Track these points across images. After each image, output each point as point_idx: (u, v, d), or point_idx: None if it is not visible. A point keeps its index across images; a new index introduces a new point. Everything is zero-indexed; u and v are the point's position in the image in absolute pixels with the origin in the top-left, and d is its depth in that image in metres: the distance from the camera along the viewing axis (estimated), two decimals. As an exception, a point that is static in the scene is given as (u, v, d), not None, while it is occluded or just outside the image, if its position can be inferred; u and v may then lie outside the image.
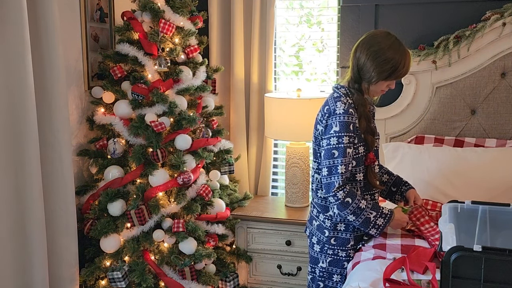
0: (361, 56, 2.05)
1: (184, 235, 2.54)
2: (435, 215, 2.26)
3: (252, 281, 3.03)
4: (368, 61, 2.02)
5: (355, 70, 2.08)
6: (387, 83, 2.09)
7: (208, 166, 2.89)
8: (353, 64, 2.10)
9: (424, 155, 2.62)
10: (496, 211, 1.85)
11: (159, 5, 2.67)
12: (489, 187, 2.43)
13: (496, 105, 2.76)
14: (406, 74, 2.09)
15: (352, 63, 2.10)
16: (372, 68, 2.02)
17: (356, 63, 2.07)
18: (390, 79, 2.06)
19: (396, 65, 2.01)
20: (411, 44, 2.90)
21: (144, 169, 2.59)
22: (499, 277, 1.42)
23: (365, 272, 1.84)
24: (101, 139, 2.72)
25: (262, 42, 3.15)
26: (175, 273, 2.58)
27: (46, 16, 2.28)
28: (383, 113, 2.93)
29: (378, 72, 2.02)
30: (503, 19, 2.68)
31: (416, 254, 1.86)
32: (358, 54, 2.06)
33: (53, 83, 2.34)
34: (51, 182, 2.39)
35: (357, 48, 2.08)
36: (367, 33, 2.11)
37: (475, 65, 2.76)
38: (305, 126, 2.82)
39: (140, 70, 2.68)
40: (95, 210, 2.57)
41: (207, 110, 2.91)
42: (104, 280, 2.61)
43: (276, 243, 2.93)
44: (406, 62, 2.03)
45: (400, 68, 2.02)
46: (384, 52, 2.00)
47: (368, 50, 2.03)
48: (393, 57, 2.00)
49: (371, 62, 2.02)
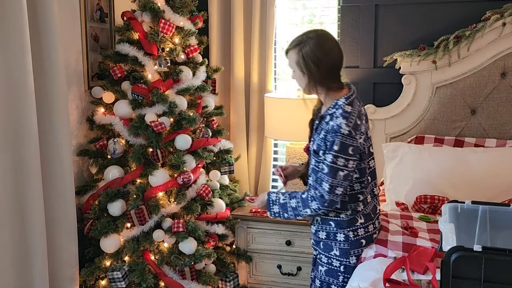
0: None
1: (184, 235, 2.54)
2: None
3: (252, 281, 3.03)
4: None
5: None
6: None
7: (208, 166, 2.90)
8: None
9: (424, 155, 2.62)
10: (496, 211, 1.85)
11: (159, 5, 2.67)
12: (489, 187, 2.43)
13: (496, 105, 2.76)
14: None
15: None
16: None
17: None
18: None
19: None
20: (411, 44, 2.91)
21: (144, 169, 2.59)
22: (499, 277, 1.42)
23: (365, 272, 1.84)
24: (101, 139, 2.72)
25: (262, 42, 3.15)
26: (175, 273, 2.59)
27: (46, 16, 2.28)
28: (383, 113, 2.93)
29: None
30: (503, 19, 2.68)
31: (417, 254, 1.86)
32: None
33: (53, 83, 2.34)
34: (51, 182, 2.39)
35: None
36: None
37: (475, 65, 2.76)
38: (305, 126, 2.81)
39: (140, 70, 2.68)
40: (95, 210, 2.57)
41: (207, 110, 2.91)
42: (104, 280, 2.61)
43: (276, 243, 2.93)
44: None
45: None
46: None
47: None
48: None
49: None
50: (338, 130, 1.88)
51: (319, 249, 2.12)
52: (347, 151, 1.88)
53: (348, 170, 1.91)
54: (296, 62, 1.98)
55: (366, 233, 2.04)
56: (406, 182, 2.58)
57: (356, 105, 1.96)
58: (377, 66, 3.00)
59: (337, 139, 1.88)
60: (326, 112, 1.98)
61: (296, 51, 1.97)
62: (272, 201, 2.10)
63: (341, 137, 1.87)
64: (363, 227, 2.03)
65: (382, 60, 2.93)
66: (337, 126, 1.88)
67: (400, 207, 2.53)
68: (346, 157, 1.88)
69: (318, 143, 1.97)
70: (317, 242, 2.13)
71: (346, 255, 2.04)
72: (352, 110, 1.92)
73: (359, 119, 1.94)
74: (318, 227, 2.10)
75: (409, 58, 2.81)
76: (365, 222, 2.03)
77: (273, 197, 2.10)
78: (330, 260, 2.07)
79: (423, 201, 2.48)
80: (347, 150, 1.88)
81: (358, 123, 1.92)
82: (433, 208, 2.47)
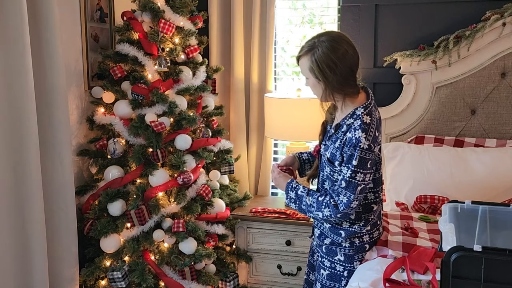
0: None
1: (184, 235, 2.54)
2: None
3: (252, 281, 3.03)
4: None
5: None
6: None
7: (208, 166, 2.89)
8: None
9: (424, 155, 2.62)
10: (496, 211, 1.85)
11: (159, 5, 2.67)
12: (489, 187, 2.43)
13: (496, 105, 2.76)
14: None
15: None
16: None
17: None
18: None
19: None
20: (411, 44, 2.91)
21: (144, 169, 2.59)
22: (499, 277, 1.42)
23: (365, 272, 1.84)
24: (101, 139, 2.72)
25: (262, 42, 3.15)
26: (175, 273, 2.59)
27: (46, 16, 2.28)
28: (383, 113, 2.92)
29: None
30: (503, 19, 2.68)
31: (417, 254, 1.86)
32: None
33: (53, 83, 2.34)
34: (51, 182, 2.39)
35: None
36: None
37: (475, 65, 2.76)
38: (305, 126, 2.82)
39: (140, 70, 2.68)
40: (95, 210, 2.57)
41: (207, 110, 2.91)
42: (104, 280, 2.61)
43: (276, 243, 2.93)
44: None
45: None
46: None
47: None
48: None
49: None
50: (357, 144, 1.80)
51: (321, 252, 2.08)
52: (366, 165, 1.82)
53: (365, 183, 1.86)
54: (309, 68, 1.87)
55: (371, 239, 2.02)
56: (406, 182, 2.58)
57: (375, 114, 1.89)
58: (377, 66, 3.00)
59: (356, 153, 1.80)
60: (343, 121, 1.91)
61: (309, 56, 1.86)
62: (292, 187, 2.03)
63: (360, 152, 1.80)
64: (369, 233, 2.00)
65: (382, 60, 2.93)
66: (356, 139, 1.81)
67: (400, 207, 2.53)
68: (364, 171, 1.83)
69: (332, 152, 1.91)
70: (320, 245, 2.09)
71: (351, 260, 2.01)
72: (371, 121, 1.84)
73: (377, 130, 1.87)
74: (324, 232, 2.06)
75: (409, 58, 2.82)
76: (371, 229, 2.00)
77: (294, 184, 2.03)
78: (333, 264, 2.03)
79: (423, 201, 2.48)
80: (366, 165, 1.82)
81: (376, 135, 1.85)
82: (433, 208, 2.47)
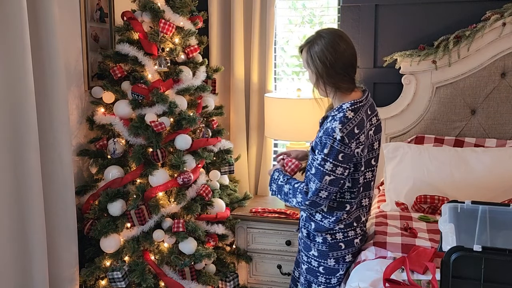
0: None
1: (184, 235, 2.54)
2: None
3: (252, 281, 3.03)
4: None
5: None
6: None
7: (208, 166, 2.89)
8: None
9: (424, 155, 2.62)
10: (496, 211, 1.86)
11: (159, 5, 2.67)
12: (489, 187, 2.43)
13: (496, 105, 2.76)
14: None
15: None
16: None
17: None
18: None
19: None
20: (411, 44, 2.91)
21: (144, 169, 2.59)
22: (499, 277, 1.42)
23: (365, 272, 1.84)
24: (101, 139, 2.72)
25: (262, 42, 3.15)
26: (175, 273, 2.59)
27: (46, 16, 2.28)
28: (383, 113, 2.92)
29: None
30: (503, 19, 2.68)
31: (416, 254, 1.86)
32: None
33: (53, 83, 2.34)
34: (51, 182, 2.39)
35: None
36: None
37: (475, 65, 2.76)
38: (305, 126, 2.82)
39: (140, 70, 2.68)
40: (95, 210, 2.57)
41: (207, 110, 2.91)
42: (104, 280, 2.61)
43: (276, 243, 2.93)
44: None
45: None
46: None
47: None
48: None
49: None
50: (331, 133, 1.85)
51: (300, 246, 2.15)
52: (336, 156, 1.85)
53: (336, 176, 1.87)
54: (306, 60, 1.98)
55: (345, 238, 2.03)
56: (406, 182, 2.58)
57: (362, 113, 1.91)
58: (377, 66, 3.00)
59: (328, 142, 1.86)
60: (330, 113, 1.96)
61: (306, 49, 1.96)
62: (274, 179, 2.12)
63: (332, 141, 1.85)
64: (342, 232, 2.02)
65: (382, 60, 2.93)
66: (331, 129, 1.86)
67: (400, 207, 2.53)
68: (334, 162, 1.86)
69: (316, 141, 1.96)
70: (300, 238, 2.16)
71: (324, 256, 2.05)
72: (353, 117, 1.88)
73: (359, 128, 1.88)
74: (302, 224, 2.13)
75: (409, 58, 2.82)
76: (344, 228, 2.02)
77: (275, 176, 2.12)
78: (309, 259, 2.10)
79: (423, 201, 2.48)
80: (336, 156, 1.85)
81: (355, 132, 1.87)
82: (433, 208, 2.47)
